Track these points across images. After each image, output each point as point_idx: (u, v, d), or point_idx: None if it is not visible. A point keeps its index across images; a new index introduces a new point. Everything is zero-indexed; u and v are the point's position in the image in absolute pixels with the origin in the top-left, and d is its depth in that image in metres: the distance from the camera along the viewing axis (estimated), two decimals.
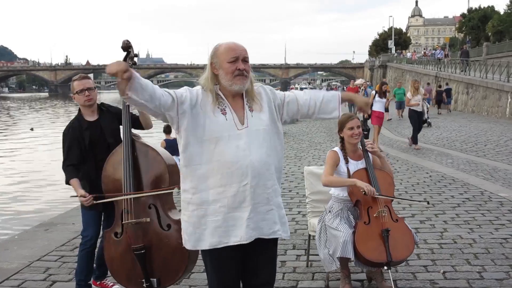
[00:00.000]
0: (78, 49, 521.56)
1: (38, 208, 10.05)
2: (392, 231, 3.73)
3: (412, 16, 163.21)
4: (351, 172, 3.93)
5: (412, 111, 12.79)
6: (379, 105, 12.57)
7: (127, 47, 3.35)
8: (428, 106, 18.88)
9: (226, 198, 2.60)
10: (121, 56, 3.52)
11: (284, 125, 2.89)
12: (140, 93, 2.41)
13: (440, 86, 27.58)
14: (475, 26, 68.84)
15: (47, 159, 15.89)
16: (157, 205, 3.57)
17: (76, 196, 3.76)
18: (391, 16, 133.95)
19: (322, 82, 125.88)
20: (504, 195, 7.25)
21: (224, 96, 2.66)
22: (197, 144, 2.61)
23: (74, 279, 4.12)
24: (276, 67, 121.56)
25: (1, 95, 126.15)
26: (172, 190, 3.58)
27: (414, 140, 12.77)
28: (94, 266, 4.08)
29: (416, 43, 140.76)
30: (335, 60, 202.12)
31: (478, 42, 61.74)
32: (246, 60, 2.66)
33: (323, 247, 3.94)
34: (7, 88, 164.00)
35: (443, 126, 18.04)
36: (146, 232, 3.53)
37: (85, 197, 3.71)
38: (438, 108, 25.21)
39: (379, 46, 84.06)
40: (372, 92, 13.93)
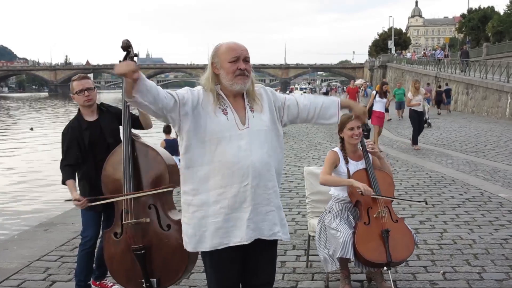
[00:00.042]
0: (78, 49, 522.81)
1: (37, 208, 10.03)
2: (392, 231, 3.72)
3: (412, 16, 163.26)
4: (351, 172, 3.92)
5: (413, 111, 12.78)
6: (379, 105, 12.57)
7: (127, 46, 3.34)
8: (428, 106, 18.89)
9: (227, 199, 2.59)
10: (121, 56, 3.52)
11: (284, 127, 2.89)
12: (145, 95, 2.39)
13: (440, 87, 27.59)
14: (475, 27, 68.85)
15: (47, 159, 15.86)
16: (157, 205, 3.56)
17: (71, 200, 3.74)
18: (391, 17, 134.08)
19: (322, 82, 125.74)
20: (504, 195, 7.25)
21: (225, 96, 2.66)
22: (198, 146, 2.60)
23: (74, 279, 4.11)
24: (276, 67, 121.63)
25: (1, 94, 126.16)
26: (168, 189, 3.55)
27: (414, 141, 12.77)
28: (94, 266, 4.08)
29: (416, 43, 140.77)
30: (335, 60, 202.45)
31: (478, 43, 61.74)
32: (247, 60, 2.65)
33: (323, 248, 3.93)
34: (7, 88, 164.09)
35: (443, 126, 18.04)
36: (146, 232, 3.52)
37: (79, 200, 3.69)
38: (437, 108, 25.23)
39: (379, 47, 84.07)
40: (373, 92, 13.93)
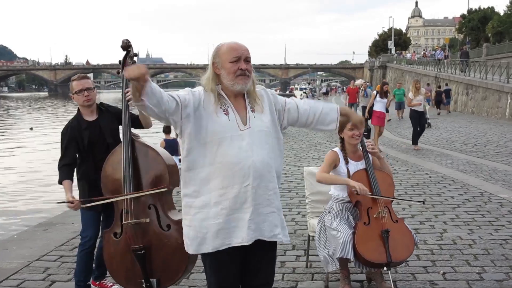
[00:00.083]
0: (78, 48, 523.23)
1: (37, 208, 10.02)
2: (392, 231, 3.72)
3: (412, 16, 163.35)
4: (351, 172, 3.92)
5: (413, 111, 12.78)
6: (380, 105, 12.57)
7: (126, 46, 3.35)
8: (428, 106, 18.89)
9: (228, 200, 2.58)
10: (120, 56, 3.52)
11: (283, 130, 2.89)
12: (150, 97, 2.37)
13: (440, 87, 27.60)
14: (475, 27, 68.87)
15: (47, 158, 15.83)
16: (156, 205, 3.55)
17: (64, 202, 3.70)
18: (391, 17, 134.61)
19: (321, 82, 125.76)
20: (504, 196, 7.25)
21: (226, 96, 2.65)
22: (200, 147, 2.59)
23: (73, 279, 4.10)
24: (276, 67, 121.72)
25: (0, 94, 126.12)
26: (164, 189, 3.54)
27: (414, 141, 12.76)
28: (93, 266, 4.07)
29: (416, 43, 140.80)
30: (334, 61, 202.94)
31: (478, 43, 61.75)
32: (248, 60, 2.65)
33: (322, 248, 3.93)
34: (6, 88, 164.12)
35: (443, 126, 18.03)
36: (146, 233, 3.51)
37: (72, 202, 3.65)
38: (437, 108, 25.23)
39: (379, 47, 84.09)
40: (373, 92, 13.93)
